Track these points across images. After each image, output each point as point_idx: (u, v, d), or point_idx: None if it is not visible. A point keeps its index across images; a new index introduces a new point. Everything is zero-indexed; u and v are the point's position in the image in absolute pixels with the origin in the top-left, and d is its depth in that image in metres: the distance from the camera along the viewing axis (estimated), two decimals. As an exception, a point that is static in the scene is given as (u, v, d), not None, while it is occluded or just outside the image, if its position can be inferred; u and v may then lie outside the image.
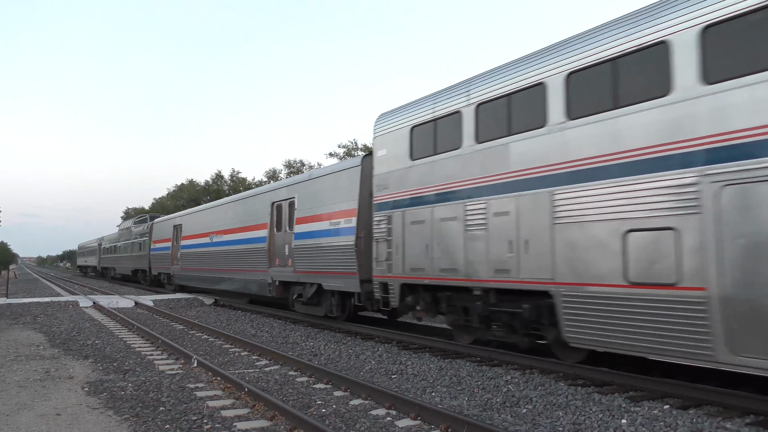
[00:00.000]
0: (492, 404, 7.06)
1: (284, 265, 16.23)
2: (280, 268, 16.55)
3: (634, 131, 7.29)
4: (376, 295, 12.06)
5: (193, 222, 25.50)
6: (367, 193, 12.75)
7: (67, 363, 10.09)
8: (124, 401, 7.29)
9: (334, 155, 44.53)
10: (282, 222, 16.67)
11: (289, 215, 16.27)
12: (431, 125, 10.81)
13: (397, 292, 11.40)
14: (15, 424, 6.36)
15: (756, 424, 5.97)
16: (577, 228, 7.91)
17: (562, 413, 6.57)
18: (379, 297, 11.95)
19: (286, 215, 16.40)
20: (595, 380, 8.03)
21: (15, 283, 45.87)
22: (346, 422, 6.32)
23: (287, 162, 54.17)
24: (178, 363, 10.04)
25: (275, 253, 16.94)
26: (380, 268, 11.91)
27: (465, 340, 10.71)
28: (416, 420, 6.32)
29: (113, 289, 32.52)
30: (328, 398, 7.41)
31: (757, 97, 6.15)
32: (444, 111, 10.51)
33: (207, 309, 20.94)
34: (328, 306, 14.59)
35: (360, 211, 12.93)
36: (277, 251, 16.79)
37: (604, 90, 7.75)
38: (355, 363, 9.94)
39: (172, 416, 6.58)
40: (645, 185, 7.10)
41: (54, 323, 15.93)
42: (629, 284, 7.20)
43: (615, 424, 6.12)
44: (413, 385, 8.14)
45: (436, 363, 9.54)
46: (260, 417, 6.55)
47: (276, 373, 9.10)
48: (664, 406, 6.69)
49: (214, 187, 60.90)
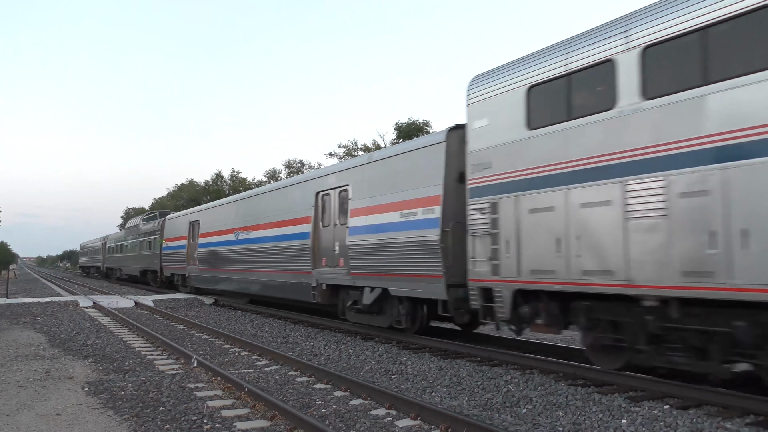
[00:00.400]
0: (492, 404, 7.06)
1: (333, 266, 13.67)
2: (327, 269, 13.95)
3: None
4: (473, 304, 9.55)
5: (213, 218, 22.82)
6: (454, 175, 10.30)
7: (67, 363, 10.10)
8: (124, 401, 7.29)
9: (334, 155, 44.62)
10: (330, 215, 14.08)
11: (339, 207, 13.68)
12: (562, 83, 8.33)
13: (508, 300, 8.80)
14: (15, 424, 6.36)
15: (756, 424, 5.97)
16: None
17: (562, 413, 6.57)
18: (479, 306, 9.41)
19: (336, 207, 13.83)
20: (595, 380, 8.03)
21: (15, 283, 45.88)
22: (346, 422, 6.32)
23: (287, 162, 54.33)
24: (178, 363, 10.04)
25: (321, 252, 14.29)
26: (480, 269, 9.36)
27: (611, 364, 8.08)
28: (416, 420, 6.32)
29: (113, 289, 32.52)
30: (328, 398, 7.41)
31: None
32: (584, 61, 8.02)
33: (207, 309, 20.94)
34: (394, 315, 11.93)
35: (446, 199, 10.29)
36: (324, 249, 14.18)
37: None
38: (355, 363, 9.94)
39: (172, 416, 6.58)
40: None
41: (54, 323, 15.93)
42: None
43: (615, 424, 6.12)
44: (413, 385, 8.14)
45: (436, 363, 9.54)
46: (260, 417, 6.55)
47: (276, 373, 9.10)
48: (664, 406, 6.69)
49: (214, 187, 60.96)
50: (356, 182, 13.11)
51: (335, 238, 13.72)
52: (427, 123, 37.61)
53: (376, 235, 12.08)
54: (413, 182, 11.17)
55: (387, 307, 12.16)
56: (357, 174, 13.20)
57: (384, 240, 11.81)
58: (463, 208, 9.88)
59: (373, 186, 12.45)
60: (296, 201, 15.85)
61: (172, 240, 28.51)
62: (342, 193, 13.62)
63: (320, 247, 14.37)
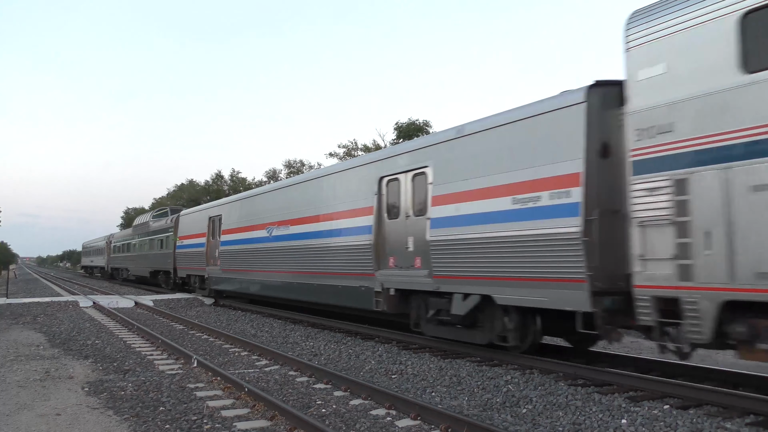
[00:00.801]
0: (492, 404, 7.06)
1: (407, 267, 11.28)
2: (397, 270, 11.55)
3: None
4: (645, 320, 7.06)
5: (240, 212, 20.17)
6: (596, 147, 7.91)
7: (67, 363, 10.10)
8: (124, 401, 7.29)
9: (334, 155, 44.62)
10: (400, 204, 11.61)
11: (413, 194, 11.31)
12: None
13: (710, 316, 6.33)
14: (15, 424, 6.36)
15: (756, 424, 5.97)
16: None
17: (562, 413, 6.57)
18: (652, 323, 6.97)
19: (409, 194, 11.40)
20: (595, 380, 8.03)
21: (15, 283, 45.88)
22: (346, 422, 6.32)
23: (287, 162, 54.31)
24: (178, 363, 10.04)
25: (387, 250, 11.90)
26: (656, 272, 6.89)
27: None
28: (416, 420, 6.32)
29: (113, 289, 32.53)
30: (328, 398, 7.41)
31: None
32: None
33: (207, 309, 20.94)
34: (495, 330, 9.50)
35: (588, 178, 7.84)
36: (392, 247, 11.78)
37: None
38: (355, 363, 9.94)
39: (172, 416, 6.59)
40: None
41: (54, 323, 15.94)
42: None
43: (615, 424, 6.12)
44: (413, 385, 8.14)
45: (436, 363, 9.54)
46: (260, 417, 6.55)
47: (276, 373, 9.10)
48: (664, 406, 6.69)
49: (214, 187, 60.93)
50: (440, 162, 10.55)
51: (408, 233, 11.36)
52: (427, 123, 37.69)
53: (472, 227, 9.63)
54: (532, 158, 8.70)
55: (485, 320, 9.76)
56: (443, 152, 10.58)
57: (485, 234, 9.35)
58: (611, 190, 7.74)
59: (466, 166, 9.95)
60: (351, 189, 13.27)
61: (187, 237, 25.73)
62: (418, 176, 11.18)
63: (386, 244, 11.96)
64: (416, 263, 11.01)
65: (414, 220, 11.21)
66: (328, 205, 14.18)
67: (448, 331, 10.56)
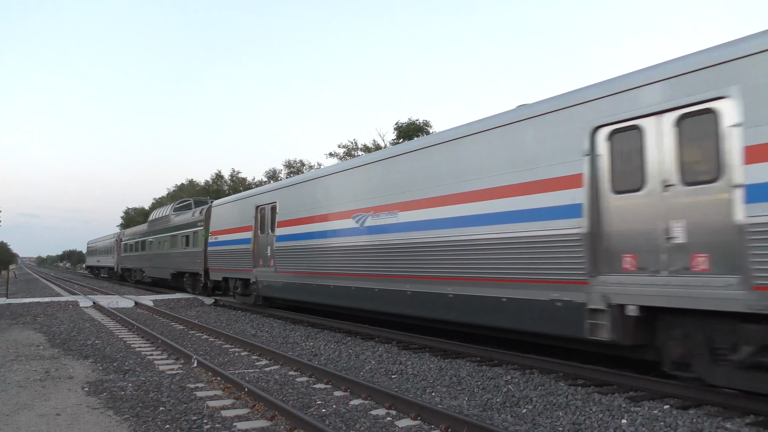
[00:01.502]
0: (492, 404, 7.06)
1: (668, 269, 6.95)
2: (643, 277, 7.18)
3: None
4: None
5: (307, 197, 15.61)
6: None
7: (67, 363, 10.10)
8: (124, 401, 7.29)
9: (334, 155, 44.64)
10: (643, 169, 7.26)
11: (673, 152, 6.95)
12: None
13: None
14: (15, 424, 6.36)
15: (756, 424, 5.97)
16: None
17: (562, 413, 6.57)
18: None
19: (659, 152, 7.09)
20: (595, 380, 8.03)
21: (15, 283, 45.88)
22: (346, 422, 6.32)
23: (287, 162, 54.26)
24: (178, 363, 10.04)
25: (616, 242, 7.57)
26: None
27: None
28: (416, 420, 6.32)
29: (113, 289, 32.51)
30: (328, 398, 7.41)
31: None
32: None
33: (207, 309, 20.94)
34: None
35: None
36: (629, 238, 7.44)
37: None
38: (355, 363, 9.94)
39: (172, 416, 6.59)
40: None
41: (54, 323, 15.93)
42: None
43: (615, 424, 6.12)
44: (413, 385, 8.14)
45: (436, 363, 9.54)
46: (260, 417, 6.55)
47: (276, 373, 9.10)
48: (664, 406, 6.69)
49: (214, 187, 60.92)
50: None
51: (669, 215, 6.97)
52: (427, 123, 37.68)
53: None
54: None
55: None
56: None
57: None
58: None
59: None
60: (527, 150, 8.91)
61: (223, 233, 21.37)
62: (686, 122, 6.82)
63: (614, 234, 7.61)
64: (695, 264, 6.70)
65: (684, 192, 6.83)
66: (478, 178, 9.74)
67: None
